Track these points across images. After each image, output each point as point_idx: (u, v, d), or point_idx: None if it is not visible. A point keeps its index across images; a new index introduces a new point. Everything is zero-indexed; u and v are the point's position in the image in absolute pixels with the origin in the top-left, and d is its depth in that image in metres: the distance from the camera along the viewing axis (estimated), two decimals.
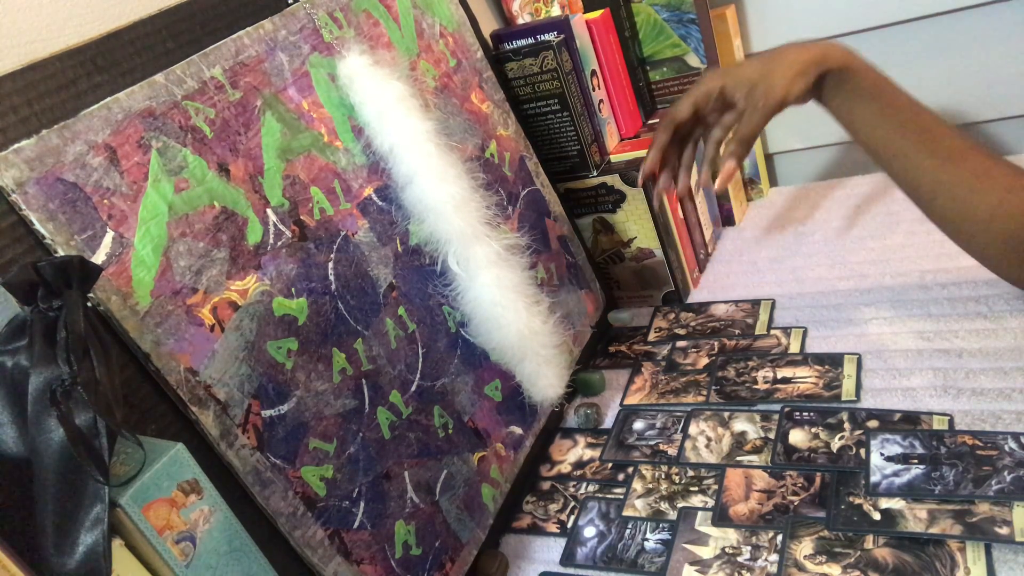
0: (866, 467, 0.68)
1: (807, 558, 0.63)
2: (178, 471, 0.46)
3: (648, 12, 1.04)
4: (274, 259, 0.61)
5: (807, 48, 0.73)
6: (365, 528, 0.63)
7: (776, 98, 0.72)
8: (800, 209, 1.14)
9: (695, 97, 0.77)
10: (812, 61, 0.72)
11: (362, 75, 0.70)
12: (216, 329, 0.56)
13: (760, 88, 0.73)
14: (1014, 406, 0.70)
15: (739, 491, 0.71)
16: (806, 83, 0.72)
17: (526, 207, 0.90)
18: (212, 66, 0.60)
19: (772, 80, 0.72)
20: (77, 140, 0.51)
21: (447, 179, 0.72)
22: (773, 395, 0.80)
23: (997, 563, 0.58)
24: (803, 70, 0.72)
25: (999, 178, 0.66)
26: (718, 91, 0.75)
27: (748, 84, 0.73)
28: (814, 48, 0.73)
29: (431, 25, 0.82)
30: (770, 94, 0.72)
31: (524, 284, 0.75)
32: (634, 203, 0.97)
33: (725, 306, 0.98)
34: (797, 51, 0.73)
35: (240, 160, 0.61)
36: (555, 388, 0.79)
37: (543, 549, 0.75)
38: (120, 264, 0.52)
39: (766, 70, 0.73)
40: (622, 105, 1.03)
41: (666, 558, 0.68)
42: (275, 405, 0.59)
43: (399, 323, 0.71)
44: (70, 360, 0.42)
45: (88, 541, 0.41)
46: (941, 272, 0.89)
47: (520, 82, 0.94)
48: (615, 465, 0.81)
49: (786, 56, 0.73)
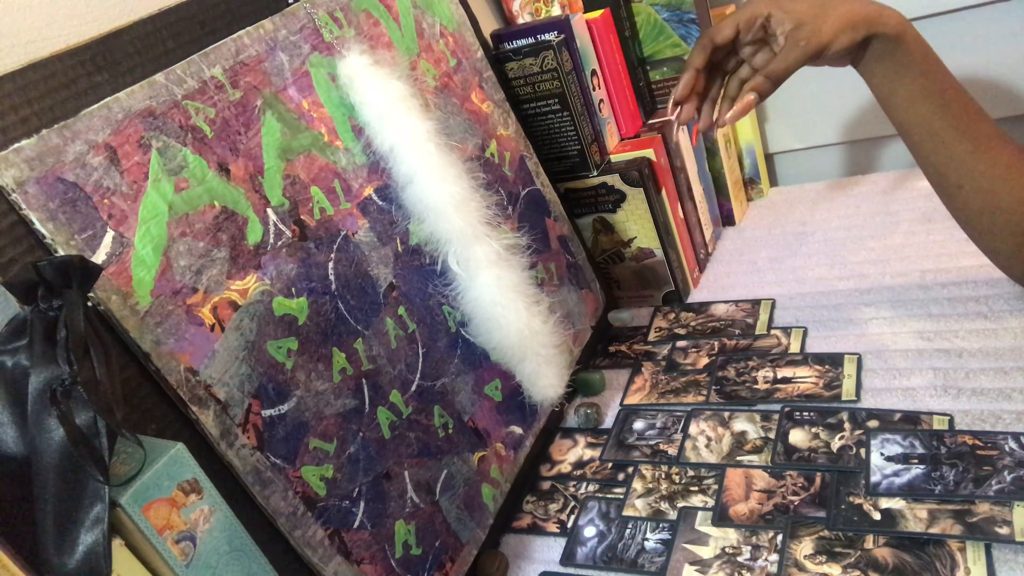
0: (866, 467, 0.68)
1: (807, 558, 0.63)
2: (178, 471, 0.46)
3: (648, 12, 1.04)
4: (274, 259, 0.61)
5: (864, 4, 0.70)
6: (365, 528, 0.63)
7: (821, 42, 0.69)
8: (800, 209, 1.14)
9: (739, 19, 0.73)
10: (867, 18, 0.69)
11: (362, 75, 0.70)
12: (216, 329, 0.56)
13: (807, 27, 0.70)
14: (1014, 406, 0.70)
15: (739, 491, 0.71)
16: (854, 38, 0.69)
17: (526, 207, 0.90)
18: (212, 66, 0.60)
19: (821, 23, 0.69)
20: (77, 140, 0.51)
21: (447, 179, 0.72)
22: (773, 395, 0.80)
23: (997, 563, 0.58)
24: (855, 23, 0.69)
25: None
26: (764, 18, 0.72)
27: (796, 20, 0.70)
28: (872, 5, 0.70)
29: (431, 25, 0.82)
30: (815, 36, 0.69)
31: (524, 284, 0.75)
32: (634, 203, 0.97)
33: (725, 306, 0.98)
34: (852, 5, 0.70)
35: (240, 160, 0.61)
36: (555, 388, 0.79)
37: (543, 549, 0.75)
38: (120, 264, 0.52)
39: (818, 11, 0.70)
40: (622, 105, 1.03)
41: (666, 558, 0.68)
42: (275, 405, 0.59)
43: (399, 323, 0.71)
44: (70, 360, 0.42)
45: (88, 541, 0.41)
46: (941, 272, 0.89)
47: (520, 82, 0.94)
48: (615, 465, 0.81)
49: (840, 5, 0.70)
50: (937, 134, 0.69)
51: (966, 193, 0.69)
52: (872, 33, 0.69)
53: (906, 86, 0.69)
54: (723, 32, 0.74)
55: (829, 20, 0.69)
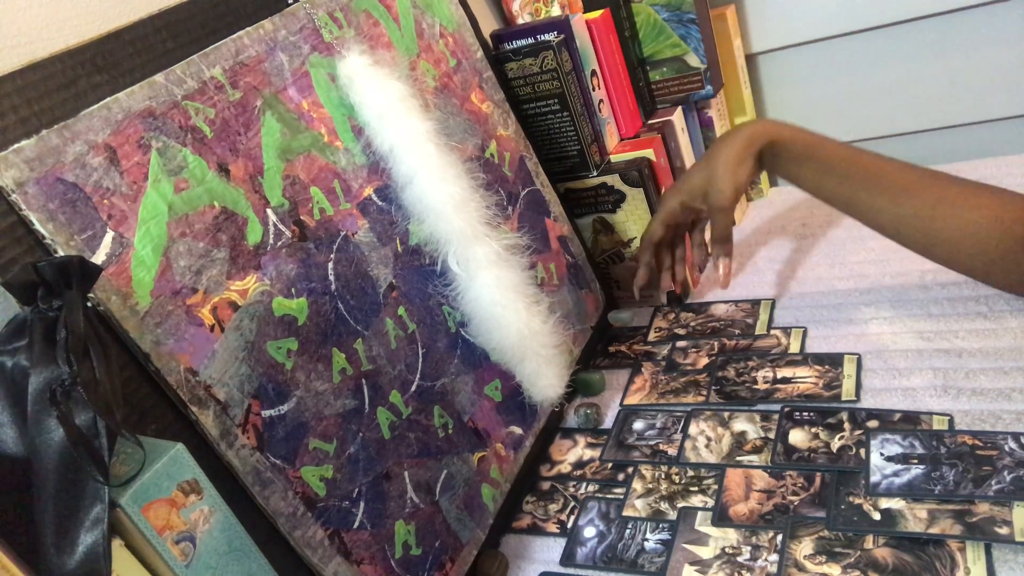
0: (866, 467, 0.68)
1: (807, 558, 0.63)
2: (178, 471, 0.46)
3: (648, 12, 1.04)
4: (274, 259, 0.61)
5: (736, 135, 0.80)
6: (365, 528, 0.63)
7: (728, 196, 0.79)
8: (800, 209, 1.14)
9: (662, 218, 0.87)
10: (744, 147, 0.79)
11: (362, 75, 0.70)
12: (216, 329, 0.56)
13: (712, 193, 0.80)
14: (1014, 406, 0.70)
15: (739, 491, 0.71)
16: (748, 169, 0.79)
17: (526, 207, 0.90)
18: (212, 66, 0.60)
19: (717, 183, 0.80)
20: (77, 140, 0.51)
21: (447, 179, 0.72)
22: (773, 395, 0.80)
23: (997, 563, 0.58)
24: (740, 158, 0.79)
25: (955, 200, 0.68)
26: (679, 207, 0.84)
27: (700, 192, 0.82)
28: (742, 132, 0.80)
29: (431, 25, 0.82)
30: (721, 196, 0.80)
31: (524, 284, 0.75)
32: (634, 203, 0.97)
33: (725, 306, 0.98)
34: (728, 143, 0.80)
35: (240, 160, 0.61)
36: (555, 388, 0.79)
37: (543, 549, 0.75)
38: (120, 264, 0.52)
39: (708, 174, 0.80)
40: (622, 105, 1.03)
41: (666, 558, 0.68)
42: (275, 405, 0.59)
43: (399, 323, 0.71)
44: (70, 360, 0.42)
45: (88, 541, 0.41)
46: (941, 272, 0.89)
47: (520, 82, 0.94)
48: (615, 465, 0.81)
49: (720, 153, 0.80)
50: (853, 199, 0.75)
51: (909, 234, 0.72)
52: (757, 151, 0.79)
53: (803, 173, 0.78)
54: (656, 233, 0.88)
55: (720, 173, 0.80)
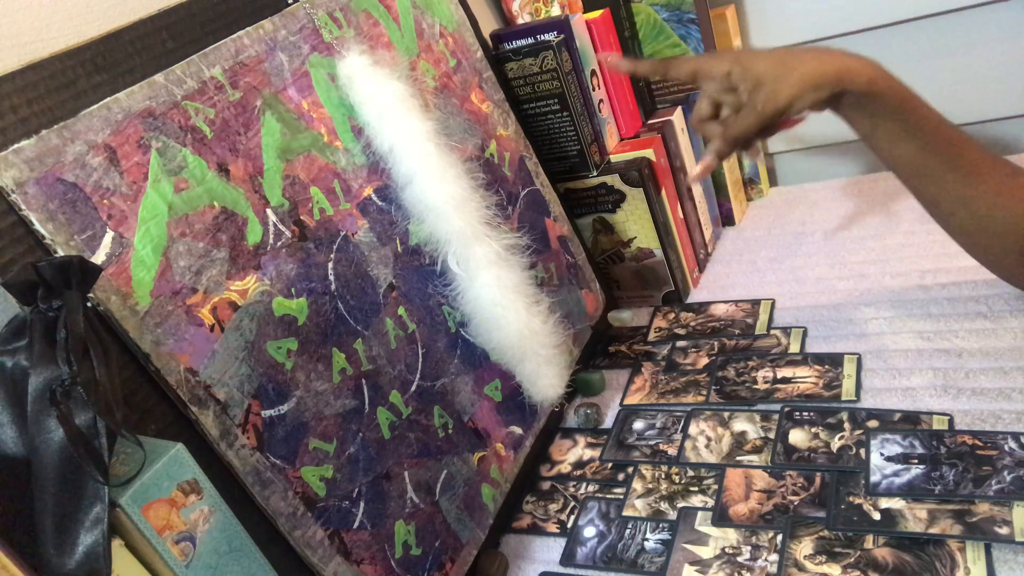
0: (866, 467, 0.68)
1: (807, 558, 0.63)
2: (178, 471, 0.46)
3: (648, 12, 1.04)
4: (274, 259, 0.61)
5: (830, 60, 0.66)
6: (365, 528, 0.63)
7: (778, 106, 0.67)
8: (800, 209, 1.14)
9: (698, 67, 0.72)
10: (831, 79, 0.66)
11: (362, 75, 0.70)
12: (216, 329, 0.56)
13: (766, 89, 0.67)
14: (1014, 406, 0.70)
15: (739, 491, 0.71)
16: (816, 99, 0.66)
17: (526, 207, 0.90)
18: (212, 66, 0.60)
19: (780, 85, 0.66)
20: (77, 140, 0.51)
21: (447, 179, 0.72)
22: (773, 395, 0.80)
23: (997, 563, 0.58)
24: (818, 84, 0.66)
25: (1016, 193, 0.65)
26: (723, 76, 0.70)
27: (755, 80, 0.68)
28: (837, 63, 0.66)
29: (431, 25, 0.82)
30: (771, 100, 0.67)
31: (524, 284, 0.75)
32: (634, 203, 0.97)
33: (725, 306, 0.98)
34: (818, 61, 0.66)
35: (240, 160, 0.61)
36: (555, 388, 0.79)
37: (543, 549, 0.75)
38: (120, 264, 0.52)
39: (779, 71, 0.67)
40: (622, 105, 1.03)
41: (666, 558, 0.68)
42: (275, 405, 0.59)
43: (399, 323, 0.71)
44: (70, 360, 0.42)
45: (88, 541, 0.41)
46: (941, 272, 0.89)
47: (520, 82, 0.94)
48: (615, 465, 0.81)
49: (804, 63, 0.67)
50: (923, 169, 0.67)
51: (960, 219, 0.68)
52: (840, 91, 0.66)
53: (886, 129, 0.67)
54: (679, 70, 0.73)
55: (790, 81, 0.66)
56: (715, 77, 0.70)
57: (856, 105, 0.67)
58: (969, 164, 0.66)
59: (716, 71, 0.70)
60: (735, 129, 0.70)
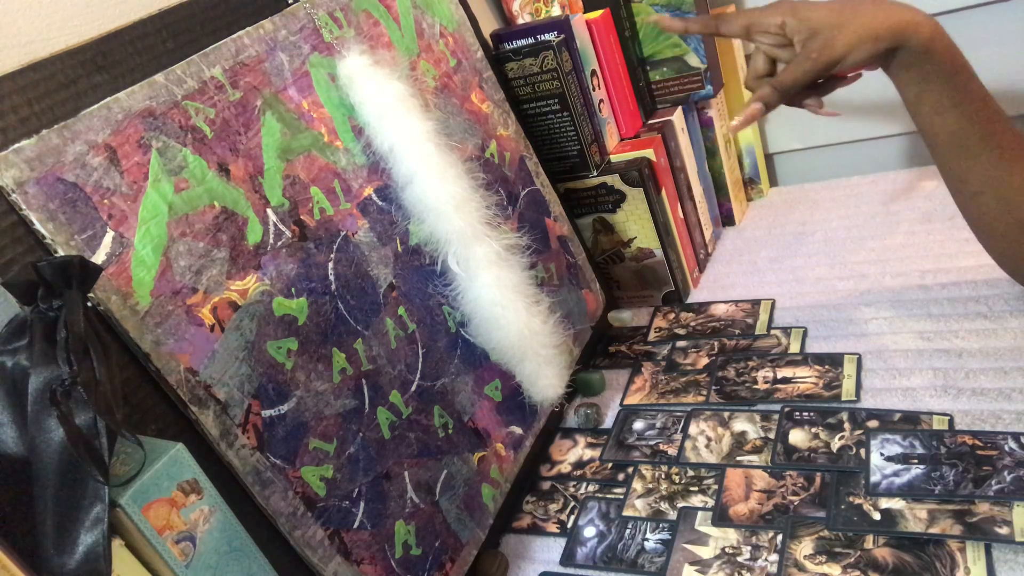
0: (866, 467, 0.68)
1: (807, 558, 0.63)
2: (178, 471, 0.46)
3: (648, 12, 1.04)
4: (274, 259, 0.61)
5: (892, 12, 0.64)
6: (365, 528, 0.63)
7: (833, 56, 0.65)
8: (800, 209, 1.14)
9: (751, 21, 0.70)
10: (893, 30, 0.63)
11: (362, 75, 0.70)
12: (216, 329, 0.56)
13: (821, 38, 0.65)
14: (1014, 406, 0.70)
15: (739, 491, 0.71)
16: (873, 52, 0.64)
17: (526, 207, 0.90)
18: (212, 66, 0.60)
19: (837, 34, 0.64)
20: (77, 140, 0.51)
21: (447, 179, 0.72)
22: (773, 395, 0.80)
23: (997, 563, 0.58)
24: (878, 35, 0.63)
25: None
26: (777, 28, 0.68)
27: (810, 30, 0.66)
28: (900, 15, 0.64)
29: (431, 25, 0.82)
30: (827, 50, 0.65)
31: (524, 284, 0.75)
32: (634, 203, 0.97)
33: (725, 306, 0.98)
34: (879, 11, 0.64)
35: (240, 160, 0.61)
36: (555, 388, 0.79)
37: (543, 549, 0.75)
38: (120, 264, 0.52)
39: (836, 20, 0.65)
40: (622, 105, 1.03)
41: (666, 558, 0.68)
42: (275, 405, 0.59)
43: (399, 323, 0.71)
44: (70, 360, 0.42)
45: (88, 541, 0.41)
46: (941, 272, 0.89)
47: (520, 82, 0.94)
48: (615, 465, 0.81)
49: (864, 14, 0.64)
50: (962, 142, 0.66)
51: (986, 199, 0.66)
52: (898, 45, 0.64)
53: (934, 95, 0.65)
54: (731, 26, 0.71)
55: (847, 31, 0.64)
56: (769, 30, 0.68)
57: (909, 65, 0.65)
58: (1006, 144, 0.65)
59: (769, 23, 0.68)
60: (786, 77, 0.68)
